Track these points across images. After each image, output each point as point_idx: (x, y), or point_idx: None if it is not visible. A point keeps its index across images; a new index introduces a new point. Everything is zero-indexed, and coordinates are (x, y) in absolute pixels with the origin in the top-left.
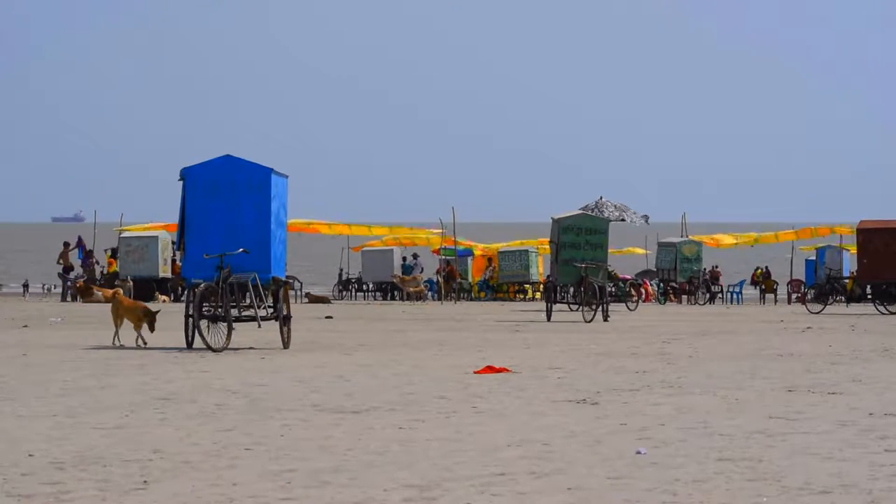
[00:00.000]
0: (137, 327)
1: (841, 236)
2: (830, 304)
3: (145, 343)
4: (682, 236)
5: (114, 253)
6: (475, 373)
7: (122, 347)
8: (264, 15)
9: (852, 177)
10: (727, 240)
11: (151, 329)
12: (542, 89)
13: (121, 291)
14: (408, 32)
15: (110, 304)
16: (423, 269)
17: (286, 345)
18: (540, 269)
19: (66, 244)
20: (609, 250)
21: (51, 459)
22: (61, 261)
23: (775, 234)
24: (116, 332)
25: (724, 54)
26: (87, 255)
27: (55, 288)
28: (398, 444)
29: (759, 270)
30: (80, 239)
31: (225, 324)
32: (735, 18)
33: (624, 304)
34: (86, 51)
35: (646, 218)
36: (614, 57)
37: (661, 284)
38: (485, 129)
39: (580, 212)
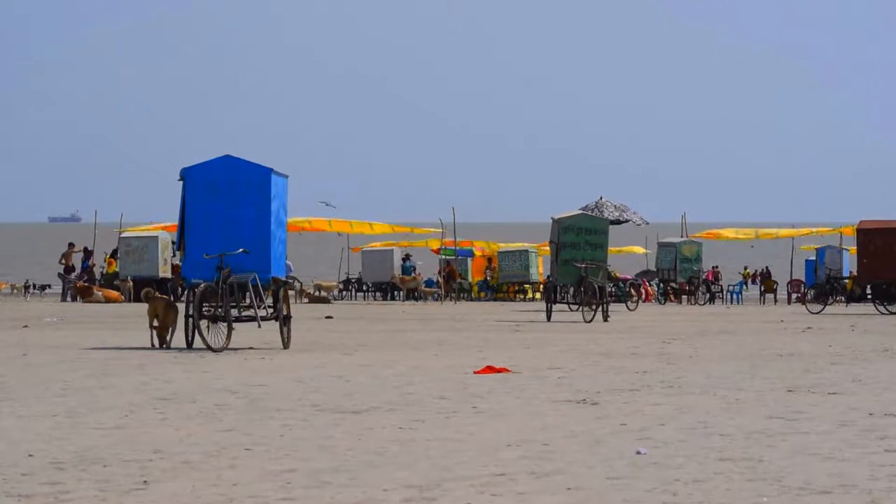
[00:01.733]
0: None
1: (841, 236)
2: (830, 304)
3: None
4: (682, 236)
5: (113, 253)
6: (475, 373)
7: (167, 348)
8: (265, 14)
9: (852, 177)
10: (727, 233)
11: (165, 337)
12: (543, 89)
13: (153, 290)
14: (409, 32)
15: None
16: (414, 268)
17: (286, 345)
18: (540, 269)
19: (71, 245)
20: (609, 250)
21: (51, 459)
22: (63, 261)
23: (776, 232)
24: (152, 334)
25: (725, 55)
26: (86, 258)
27: None
28: (398, 444)
29: (748, 271)
30: (86, 249)
31: (225, 324)
32: (735, 18)
33: (624, 304)
34: (85, 51)
35: (644, 221)
36: (615, 57)
37: (661, 284)
38: (485, 129)
39: (580, 212)
